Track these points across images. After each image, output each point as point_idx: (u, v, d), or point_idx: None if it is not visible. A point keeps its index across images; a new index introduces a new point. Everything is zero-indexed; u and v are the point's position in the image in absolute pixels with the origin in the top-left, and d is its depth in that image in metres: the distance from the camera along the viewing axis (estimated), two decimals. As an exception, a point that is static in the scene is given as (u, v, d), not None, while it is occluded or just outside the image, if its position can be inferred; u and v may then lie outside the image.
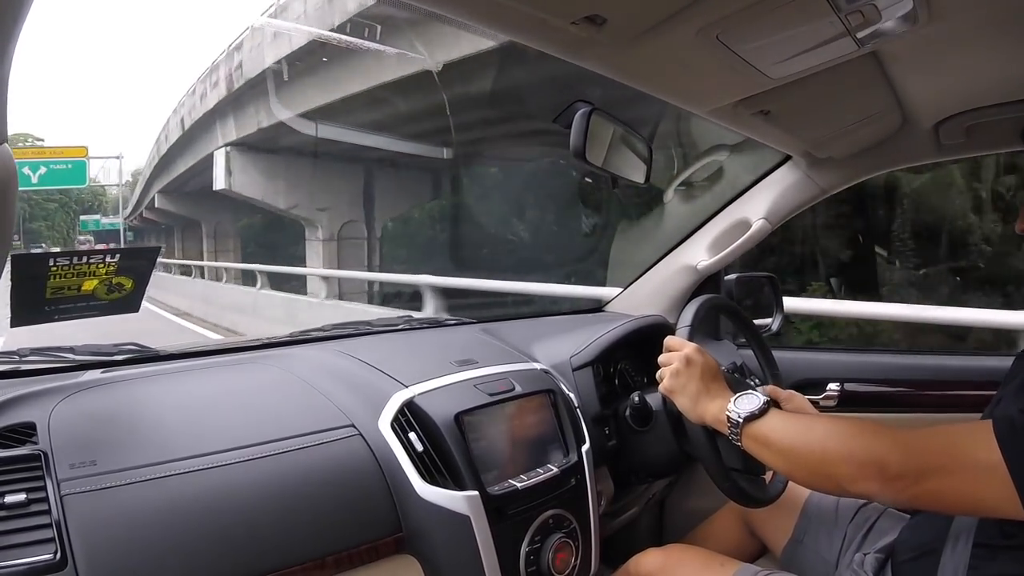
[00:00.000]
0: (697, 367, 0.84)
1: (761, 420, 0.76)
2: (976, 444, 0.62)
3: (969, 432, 0.64)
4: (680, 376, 0.85)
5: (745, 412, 0.77)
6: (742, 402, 0.79)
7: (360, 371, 0.91)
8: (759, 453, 0.77)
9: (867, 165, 1.25)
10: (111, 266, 0.70)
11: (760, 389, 1.04)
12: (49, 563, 0.56)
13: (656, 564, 0.96)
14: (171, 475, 0.67)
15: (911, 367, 1.37)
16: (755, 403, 0.78)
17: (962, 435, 0.65)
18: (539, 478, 0.86)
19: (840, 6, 0.63)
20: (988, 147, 1.19)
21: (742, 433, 0.77)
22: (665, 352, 0.90)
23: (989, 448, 0.60)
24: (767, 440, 0.76)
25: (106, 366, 0.89)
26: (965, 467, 0.62)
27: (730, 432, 0.79)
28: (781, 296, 1.49)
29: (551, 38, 0.70)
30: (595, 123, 0.89)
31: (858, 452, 0.68)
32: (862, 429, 0.70)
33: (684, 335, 0.93)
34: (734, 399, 0.79)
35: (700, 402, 0.83)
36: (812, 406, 1.02)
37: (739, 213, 1.37)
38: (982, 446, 0.61)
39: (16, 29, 0.39)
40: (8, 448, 0.66)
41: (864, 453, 0.67)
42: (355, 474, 0.77)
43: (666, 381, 0.87)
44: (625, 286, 1.57)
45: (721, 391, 0.83)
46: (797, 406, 1.01)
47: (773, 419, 0.76)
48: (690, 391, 0.84)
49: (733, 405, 0.79)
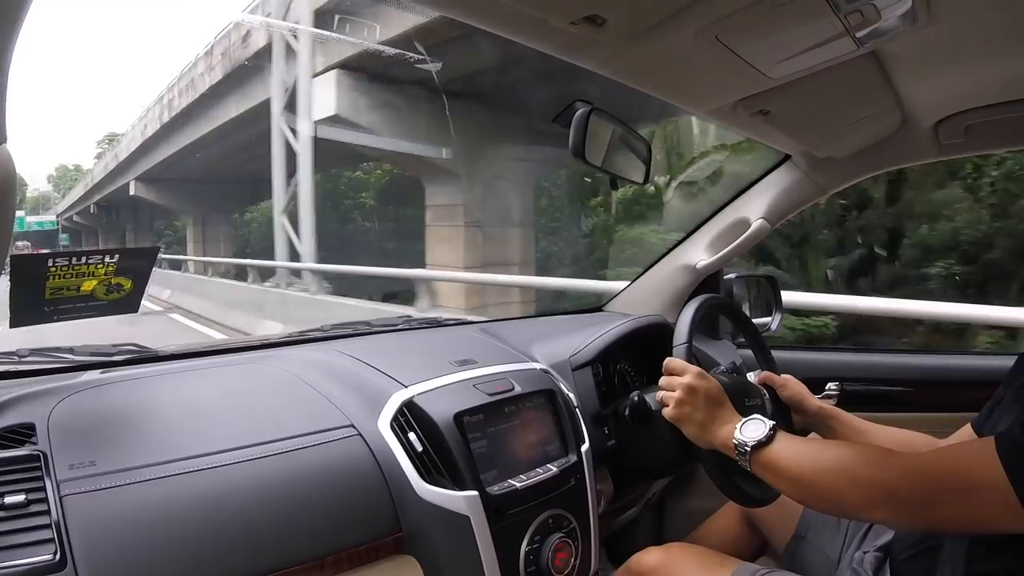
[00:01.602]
0: (700, 395, 0.84)
1: (769, 448, 0.76)
2: (983, 467, 0.61)
3: (975, 455, 0.64)
4: (684, 406, 0.85)
5: (752, 440, 0.76)
6: (748, 429, 0.78)
7: (359, 371, 0.91)
8: (768, 479, 0.77)
9: (867, 165, 1.25)
10: (110, 266, 0.70)
11: (756, 375, 1.05)
12: (49, 564, 0.56)
13: (657, 562, 0.96)
14: (171, 475, 0.67)
15: (911, 367, 1.37)
16: (761, 430, 0.77)
17: (967, 459, 0.65)
18: (539, 478, 0.86)
19: (839, 6, 0.63)
20: (988, 147, 1.19)
21: (750, 460, 0.77)
22: (665, 374, 0.90)
23: (995, 470, 0.60)
24: (775, 468, 0.75)
25: (105, 366, 0.89)
26: (972, 492, 0.62)
27: (738, 458, 0.79)
28: (780, 296, 1.49)
29: (551, 38, 0.70)
30: (594, 123, 0.89)
31: (867, 481, 0.68)
32: (870, 457, 0.69)
33: (683, 352, 0.92)
34: (740, 425, 0.79)
35: (707, 431, 0.83)
36: (808, 391, 1.02)
37: (738, 213, 1.37)
38: (989, 469, 0.61)
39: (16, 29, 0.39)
40: (7, 449, 0.66)
41: (873, 482, 0.67)
42: (354, 474, 0.77)
43: (671, 410, 0.86)
44: (626, 285, 1.57)
45: (727, 417, 0.82)
46: (793, 392, 1.02)
47: (781, 446, 0.76)
48: (696, 420, 0.84)
49: (740, 433, 0.78)
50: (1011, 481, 0.59)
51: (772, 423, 0.78)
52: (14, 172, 0.44)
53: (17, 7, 0.38)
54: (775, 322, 1.46)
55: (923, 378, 1.33)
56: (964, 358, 1.38)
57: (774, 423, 0.78)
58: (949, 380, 1.30)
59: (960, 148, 1.15)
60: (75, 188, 20.50)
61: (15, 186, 0.45)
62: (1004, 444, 0.61)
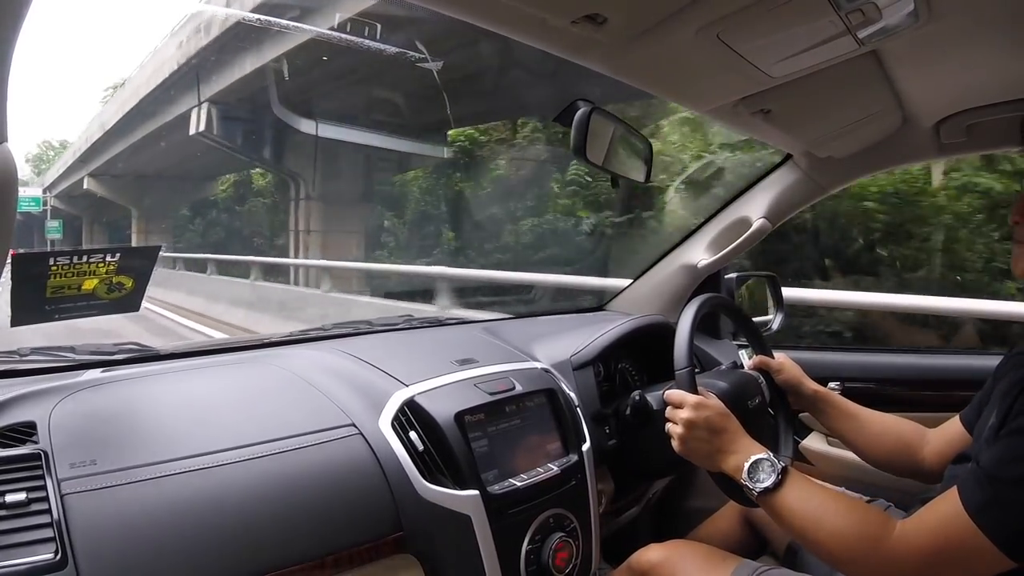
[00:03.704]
0: (701, 427, 0.83)
1: (776, 495, 0.76)
2: (963, 538, 0.64)
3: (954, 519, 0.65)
4: (689, 441, 0.84)
5: (760, 487, 0.77)
6: (757, 471, 0.78)
7: (360, 370, 0.91)
8: (774, 520, 0.79)
9: (867, 164, 1.25)
10: (111, 265, 0.70)
11: (750, 360, 1.05)
12: (49, 563, 0.56)
13: (658, 559, 0.96)
14: (171, 474, 0.67)
15: (911, 367, 1.37)
16: (770, 476, 0.77)
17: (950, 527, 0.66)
18: (539, 477, 0.86)
19: (840, 5, 0.63)
20: (989, 146, 1.19)
21: (757, 500, 0.78)
22: (668, 408, 0.89)
23: (975, 536, 0.63)
24: (780, 517, 0.77)
25: (106, 365, 0.89)
26: (960, 564, 0.65)
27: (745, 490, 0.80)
28: (781, 295, 1.49)
29: (552, 37, 0.70)
30: (595, 122, 0.89)
31: (863, 558, 0.70)
32: (868, 530, 0.71)
33: (684, 379, 0.89)
34: (747, 466, 0.78)
35: (714, 462, 0.83)
36: (805, 374, 1.03)
37: (739, 212, 1.37)
38: (970, 537, 0.63)
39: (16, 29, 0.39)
40: (8, 447, 0.66)
41: (870, 561, 0.70)
42: (355, 473, 0.77)
43: (676, 445, 0.86)
44: (627, 285, 1.57)
45: (732, 445, 0.82)
46: (790, 375, 1.03)
47: (788, 496, 0.76)
48: (701, 453, 0.84)
49: (747, 476, 0.78)
50: (999, 549, 0.62)
51: (781, 466, 0.77)
52: (15, 172, 0.44)
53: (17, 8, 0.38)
54: (776, 321, 1.46)
55: (923, 377, 1.33)
56: (964, 357, 1.38)
57: (783, 466, 0.77)
58: (949, 380, 1.30)
59: (961, 147, 1.14)
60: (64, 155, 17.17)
61: (16, 186, 0.45)
62: (982, 516, 0.63)
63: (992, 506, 0.63)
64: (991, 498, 0.63)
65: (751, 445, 0.81)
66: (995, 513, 0.63)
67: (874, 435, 1.00)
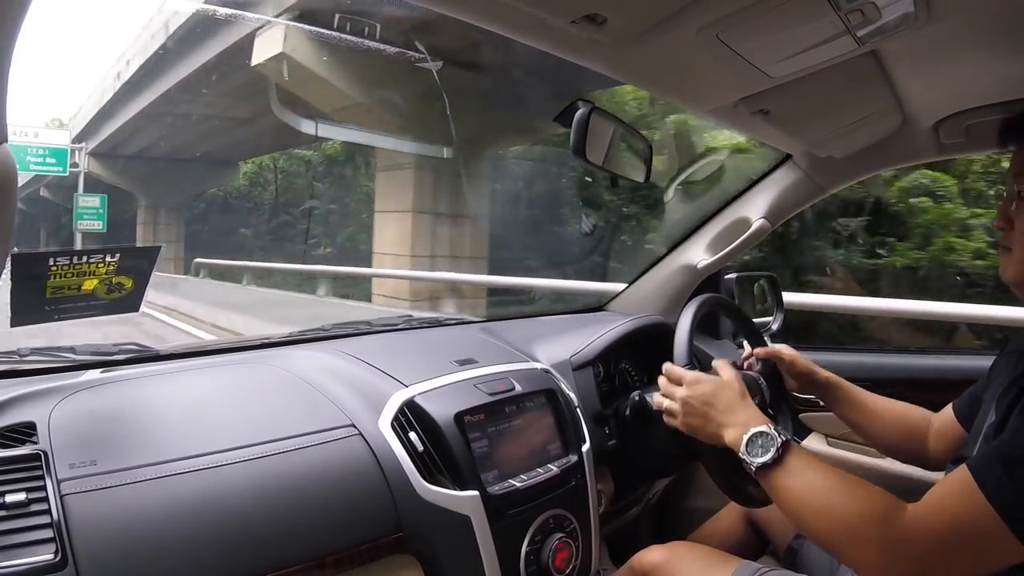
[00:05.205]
0: (697, 403, 0.83)
1: (775, 471, 0.73)
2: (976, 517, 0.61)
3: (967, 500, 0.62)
4: (686, 416, 0.84)
5: (758, 462, 0.74)
6: (755, 446, 0.75)
7: (360, 371, 0.91)
8: (773, 499, 0.75)
9: (867, 164, 1.25)
10: (111, 265, 0.70)
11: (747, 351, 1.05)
12: (49, 563, 0.56)
13: (659, 560, 0.96)
14: (171, 475, 0.67)
15: (911, 367, 1.37)
16: (768, 451, 0.74)
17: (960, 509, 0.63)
18: (539, 478, 0.86)
19: (840, 5, 0.64)
20: (988, 146, 1.18)
21: (755, 474, 0.76)
22: (663, 382, 0.89)
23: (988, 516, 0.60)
24: (777, 495, 0.74)
25: (106, 366, 0.89)
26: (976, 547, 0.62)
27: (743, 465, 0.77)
28: (781, 295, 1.49)
29: (551, 37, 0.70)
30: (595, 122, 0.89)
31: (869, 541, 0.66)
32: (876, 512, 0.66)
33: (682, 354, 0.90)
34: (746, 439, 0.76)
35: (713, 435, 0.82)
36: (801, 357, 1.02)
37: (739, 212, 1.37)
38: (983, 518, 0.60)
39: (16, 29, 0.39)
40: (8, 448, 0.66)
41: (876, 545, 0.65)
42: (355, 474, 0.77)
43: (673, 422, 0.86)
44: (627, 285, 1.57)
45: (731, 418, 0.80)
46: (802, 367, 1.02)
47: (788, 472, 0.73)
48: (702, 428, 0.83)
49: (745, 449, 0.76)
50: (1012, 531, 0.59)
51: (781, 440, 0.74)
52: (15, 171, 0.44)
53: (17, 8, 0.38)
54: (776, 322, 1.46)
55: (922, 377, 1.33)
56: (959, 358, 1.38)
57: (784, 440, 0.74)
58: (949, 379, 1.30)
59: (961, 148, 1.14)
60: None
61: (16, 185, 0.45)
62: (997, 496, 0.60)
63: (1005, 486, 0.60)
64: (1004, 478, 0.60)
65: (752, 417, 0.78)
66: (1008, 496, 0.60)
67: (884, 422, 1.00)
